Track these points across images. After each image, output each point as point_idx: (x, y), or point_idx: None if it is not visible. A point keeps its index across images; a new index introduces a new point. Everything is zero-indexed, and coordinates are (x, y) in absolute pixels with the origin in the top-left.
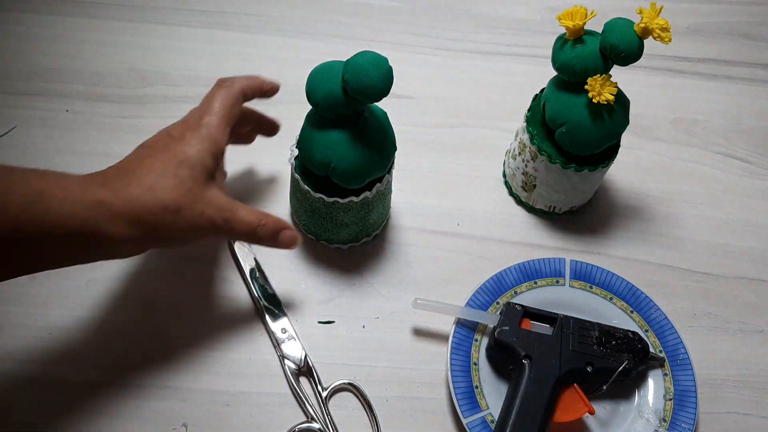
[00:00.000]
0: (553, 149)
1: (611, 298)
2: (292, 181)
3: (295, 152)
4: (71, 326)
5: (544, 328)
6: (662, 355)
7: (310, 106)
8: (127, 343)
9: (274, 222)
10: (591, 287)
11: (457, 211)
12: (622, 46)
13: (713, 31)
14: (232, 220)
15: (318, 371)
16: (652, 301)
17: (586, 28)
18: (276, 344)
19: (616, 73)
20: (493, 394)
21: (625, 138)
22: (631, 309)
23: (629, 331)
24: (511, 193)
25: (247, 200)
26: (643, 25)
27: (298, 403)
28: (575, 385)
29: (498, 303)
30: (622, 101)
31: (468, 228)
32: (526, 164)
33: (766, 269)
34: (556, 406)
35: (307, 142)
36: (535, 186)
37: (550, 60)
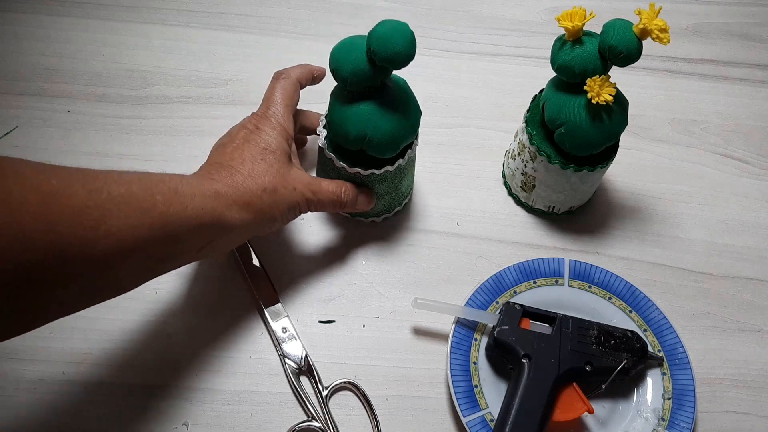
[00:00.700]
0: (552, 150)
1: (610, 298)
2: (324, 161)
3: (324, 132)
4: (71, 326)
5: (544, 328)
6: (661, 354)
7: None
8: (127, 343)
9: (352, 188)
10: (590, 287)
11: (457, 211)
12: (621, 47)
13: (712, 32)
14: (319, 191)
15: (318, 370)
16: (650, 300)
17: (585, 29)
18: (276, 343)
19: (615, 73)
20: (493, 394)
21: (624, 138)
22: (630, 308)
23: (628, 330)
24: (511, 194)
25: None
26: (641, 26)
27: (299, 402)
28: (574, 384)
29: (497, 303)
30: (620, 102)
31: (468, 228)
32: (526, 164)
33: (765, 269)
34: (555, 405)
35: (338, 119)
36: (534, 186)
37: (549, 61)
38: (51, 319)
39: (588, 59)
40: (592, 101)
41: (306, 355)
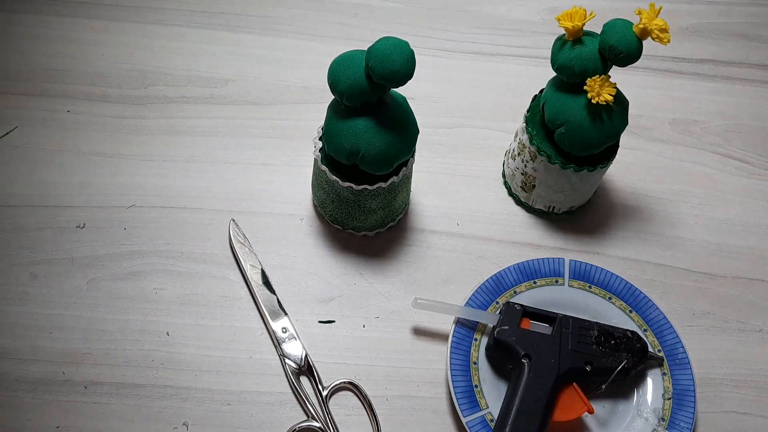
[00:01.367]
0: (553, 150)
1: (610, 298)
2: (318, 173)
3: (319, 144)
4: (71, 326)
5: (544, 328)
6: (661, 354)
7: (311, 106)
8: (127, 343)
9: None
10: (590, 287)
11: (457, 211)
12: (621, 47)
13: (712, 32)
14: None
15: (318, 370)
16: (650, 300)
17: (585, 29)
18: (276, 343)
19: (615, 73)
20: (493, 394)
21: (624, 138)
22: (630, 308)
23: (628, 330)
24: (511, 194)
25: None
26: (641, 26)
27: (299, 402)
28: (574, 384)
29: (497, 303)
30: (621, 102)
31: (468, 228)
32: (526, 164)
33: (765, 269)
34: (556, 405)
35: (333, 132)
36: (534, 186)
37: (550, 61)
38: None
39: (588, 59)
40: (593, 101)
41: (306, 355)
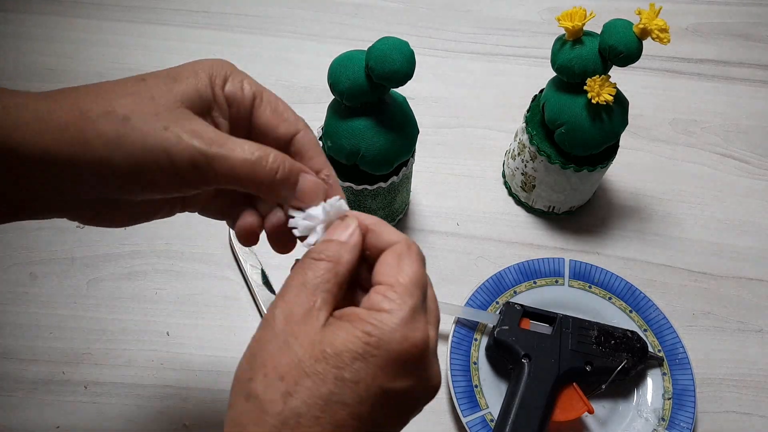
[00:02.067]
0: (553, 150)
1: (610, 298)
2: None
3: (319, 144)
4: (71, 326)
5: (544, 328)
6: (661, 354)
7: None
8: (127, 344)
9: (289, 158)
10: (590, 287)
11: (457, 211)
12: (621, 47)
13: (712, 32)
14: (224, 144)
15: None
16: (650, 300)
17: (585, 29)
18: None
19: (615, 73)
20: (493, 394)
21: (624, 138)
22: (630, 309)
23: (628, 330)
24: (511, 194)
25: None
26: (641, 26)
27: None
28: (574, 384)
29: (497, 302)
30: (621, 102)
31: (468, 228)
32: (526, 164)
33: (765, 269)
34: (556, 405)
35: (333, 132)
36: (534, 186)
37: (550, 61)
38: None
39: (588, 59)
40: (593, 101)
41: None
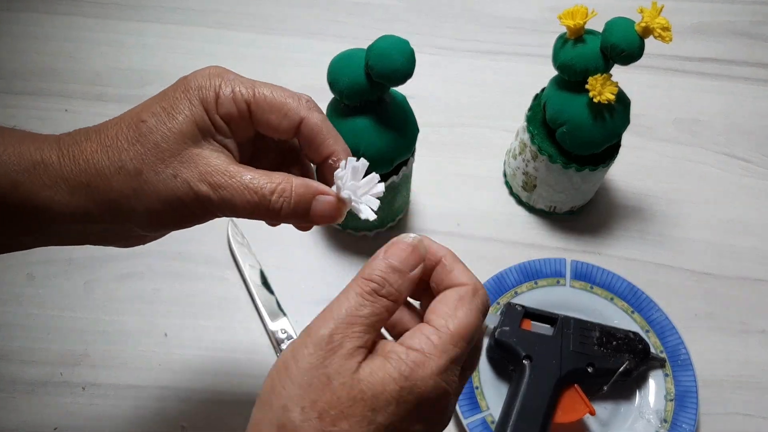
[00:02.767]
0: (554, 149)
1: (612, 299)
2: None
3: None
4: (70, 326)
5: (545, 329)
6: (663, 355)
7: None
8: (125, 345)
9: (298, 187)
10: (591, 287)
11: (457, 211)
12: (623, 46)
13: (715, 31)
14: (227, 186)
15: None
16: (652, 301)
17: (586, 27)
18: (275, 344)
19: (617, 72)
20: (494, 395)
21: (626, 138)
22: (632, 309)
23: (630, 331)
24: (512, 193)
25: None
26: (643, 25)
27: None
28: (576, 385)
29: (498, 303)
30: (622, 101)
31: (468, 228)
32: (527, 164)
33: None
34: (557, 406)
35: None
36: (535, 186)
37: (551, 59)
38: None
39: (590, 58)
40: (594, 100)
41: None
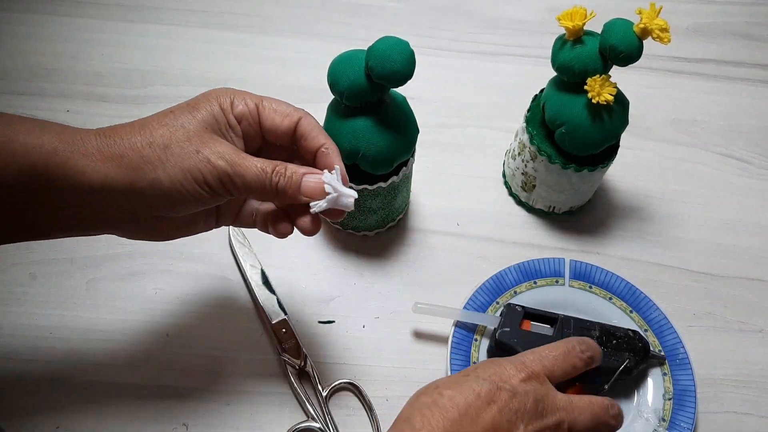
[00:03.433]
0: (553, 149)
1: (611, 298)
2: None
3: None
4: (71, 326)
5: (545, 329)
6: (662, 353)
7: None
8: (127, 343)
9: (294, 169)
10: (590, 287)
11: (457, 211)
12: (622, 47)
13: (713, 32)
14: (240, 165)
15: (318, 371)
16: (651, 300)
17: (585, 28)
18: (276, 344)
19: (616, 73)
20: None
21: (625, 138)
22: (631, 309)
23: (629, 330)
24: (511, 194)
25: None
26: (642, 26)
27: (298, 403)
28: (577, 384)
29: (498, 303)
30: (621, 101)
31: (468, 228)
32: (526, 164)
33: (766, 269)
34: None
35: (333, 132)
36: (534, 186)
37: (550, 60)
38: None
39: (588, 59)
40: (593, 101)
41: (305, 356)
